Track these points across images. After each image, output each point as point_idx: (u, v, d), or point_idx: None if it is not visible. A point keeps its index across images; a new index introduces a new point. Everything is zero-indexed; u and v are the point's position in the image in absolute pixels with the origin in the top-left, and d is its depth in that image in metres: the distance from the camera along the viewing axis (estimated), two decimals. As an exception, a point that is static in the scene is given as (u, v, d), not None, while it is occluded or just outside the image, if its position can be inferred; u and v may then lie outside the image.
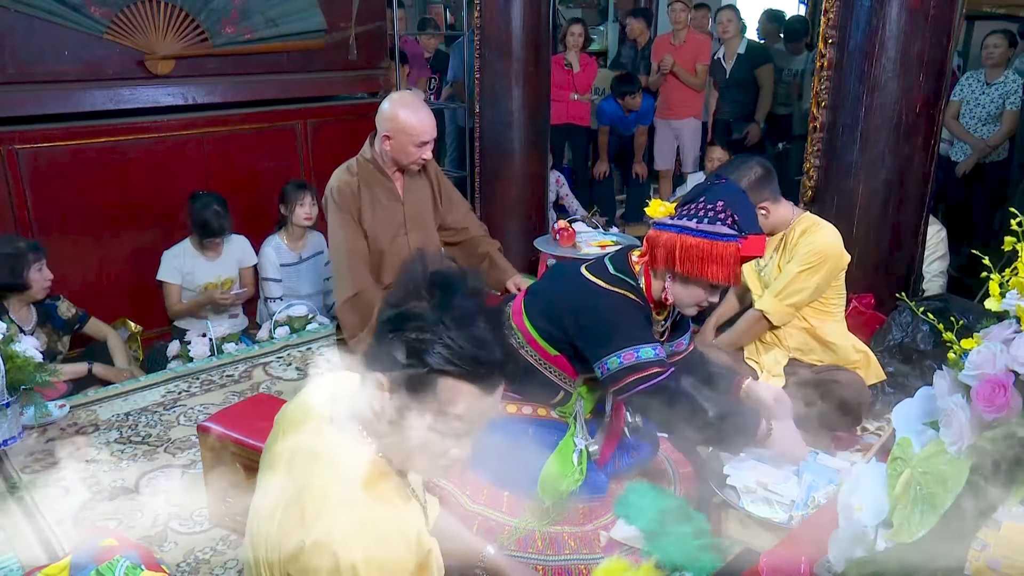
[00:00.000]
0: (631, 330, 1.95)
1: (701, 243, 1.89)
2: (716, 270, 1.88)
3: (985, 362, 1.14)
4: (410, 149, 2.71)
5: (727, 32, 5.42)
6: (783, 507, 2.03)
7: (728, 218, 1.88)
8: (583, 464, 2.08)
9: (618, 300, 1.99)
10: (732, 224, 1.88)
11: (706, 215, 1.90)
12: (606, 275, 2.03)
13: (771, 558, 1.49)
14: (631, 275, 2.02)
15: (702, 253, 1.89)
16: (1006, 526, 1.12)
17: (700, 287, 1.94)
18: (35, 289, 3.09)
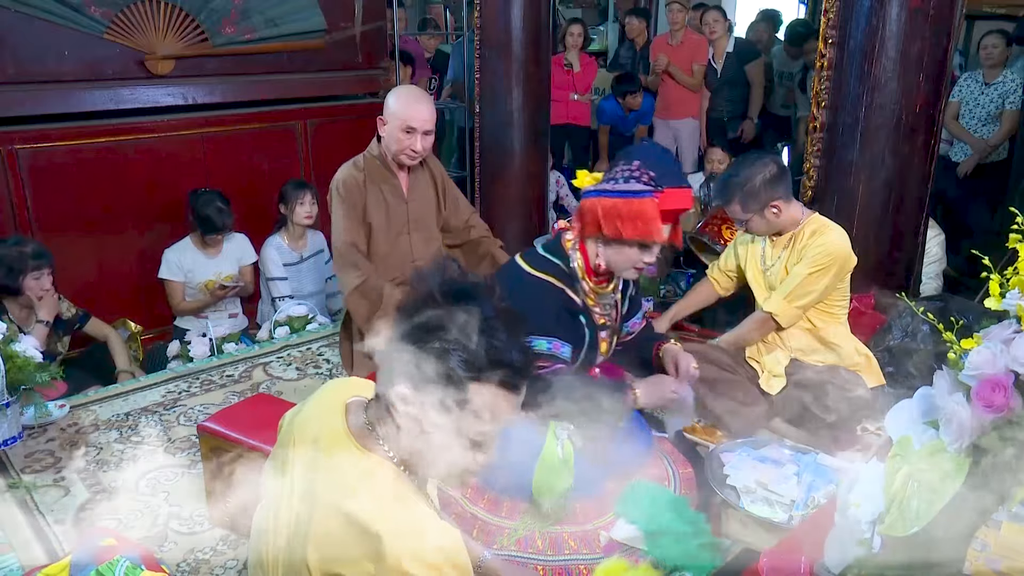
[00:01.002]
0: (535, 319, 1.95)
1: (617, 203, 1.95)
2: (635, 227, 1.94)
3: (985, 362, 1.15)
4: (398, 135, 2.70)
5: (714, 32, 5.42)
6: (783, 507, 2.03)
7: (643, 175, 1.95)
8: (569, 458, 2.07)
9: (533, 286, 2.05)
10: (648, 181, 1.94)
11: (622, 176, 1.97)
12: (535, 259, 2.10)
13: (771, 558, 1.50)
14: (561, 255, 2.08)
15: (620, 212, 1.95)
16: (1006, 526, 1.12)
17: (629, 248, 2.00)
18: (29, 295, 3.08)
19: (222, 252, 3.77)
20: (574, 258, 2.09)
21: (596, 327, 2.15)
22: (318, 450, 1.18)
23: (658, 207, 1.93)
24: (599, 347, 2.18)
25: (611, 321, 2.21)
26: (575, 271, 2.08)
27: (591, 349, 2.16)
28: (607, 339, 2.21)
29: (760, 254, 2.72)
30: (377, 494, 1.11)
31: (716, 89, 5.57)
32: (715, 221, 4.18)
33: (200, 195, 3.68)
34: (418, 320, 1.10)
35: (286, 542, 1.16)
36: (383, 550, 1.05)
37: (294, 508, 1.17)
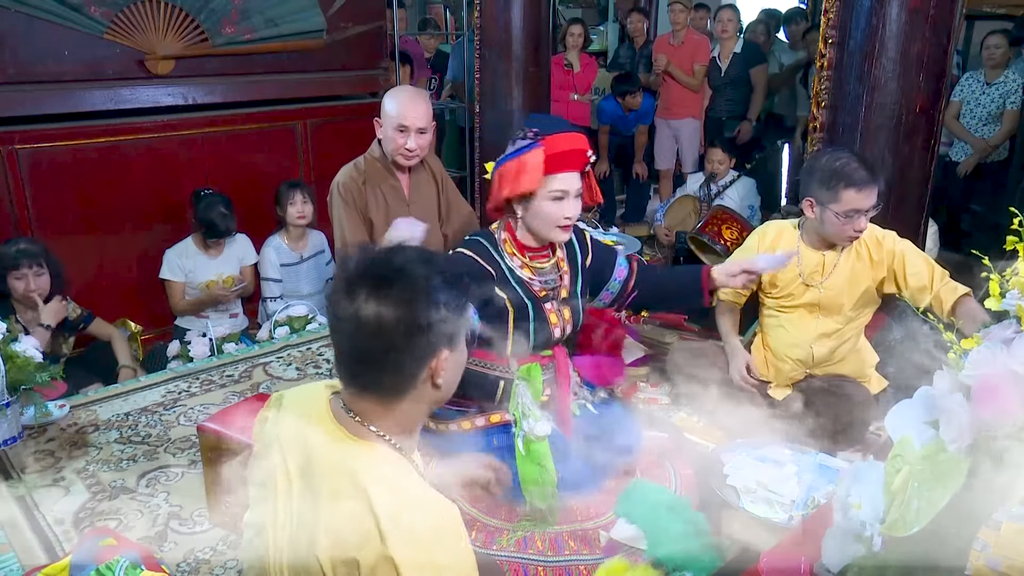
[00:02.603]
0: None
1: (508, 163, 2.07)
2: (531, 177, 2.02)
3: (985, 362, 1.14)
4: (391, 134, 2.70)
5: (726, 32, 5.43)
6: (783, 507, 2.03)
7: (527, 133, 2.06)
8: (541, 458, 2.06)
9: (455, 260, 2.12)
10: (533, 136, 2.04)
11: (511, 143, 2.11)
12: (463, 242, 2.19)
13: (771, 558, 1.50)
14: (488, 236, 2.19)
15: (512, 169, 2.05)
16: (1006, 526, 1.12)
17: (541, 205, 2.07)
18: (17, 296, 3.09)
19: (223, 253, 3.77)
20: (499, 235, 2.18)
21: (536, 298, 2.17)
22: (311, 449, 1.17)
23: (545, 152, 2.01)
24: (548, 319, 2.19)
25: (556, 296, 2.22)
26: (500, 244, 2.16)
27: (539, 325, 2.17)
28: (555, 310, 2.22)
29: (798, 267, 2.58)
30: (377, 478, 1.11)
31: (718, 88, 5.57)
32: (715, 221, 4.18)
33: (203, 198, 3.69)
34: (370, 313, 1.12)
35: (289, 542, 1.16)
36: (383, 530, 1.05)
37: (293, 508, 1.16)
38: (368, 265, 1.15)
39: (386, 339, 1.11)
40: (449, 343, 1.17)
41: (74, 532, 2.27)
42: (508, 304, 2.12)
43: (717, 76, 5.54)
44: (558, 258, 2.23)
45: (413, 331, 1.12)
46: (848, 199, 2.35)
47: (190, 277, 3.71)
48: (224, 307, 3.81)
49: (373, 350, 1.13)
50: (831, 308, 2.57)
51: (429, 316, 1.12)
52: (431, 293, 1.12)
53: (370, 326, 1.11)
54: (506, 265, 2.15)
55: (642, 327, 3.54)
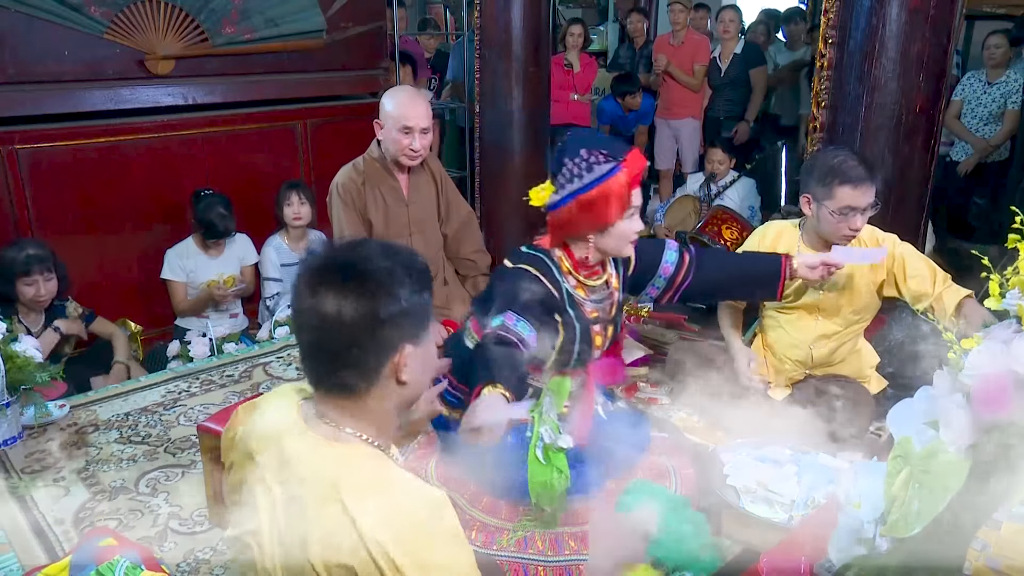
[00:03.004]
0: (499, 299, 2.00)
1: (592, 193, 1.93)
2: (620, 203, 1.94)
3: (985, 362, 1.15)
4: (395, 136, 2.69)
5: (728, 32, 5.43)
6: (783, 507, 2.03)
7: (598, 156, 1.93)
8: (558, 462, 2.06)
9: (510, 274, 2.05)
10: (606, 157, 1.93)
11: (582, 168, 1.95)
12: (516, 254, 2.10)
13: (771, 558, 1.50)
14: (546, 253, 2.08)
15: (601, 198, 1.94)
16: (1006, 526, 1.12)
17: (620, 225, 1.99)
18: (24, 301, 3.09)
19: (224, 253, 3.77)
20: (555, 254, 2.10)
21: (587, 321, 2.14)
22: (287, 458, 1.16)
23: (627, 173, 1.94)
24: (593, 341, 2.17)
25: (606, 314, 2.20)
26: (558, 264, 2.08)
27: (584, 343, 2.14)
28: (601, 332, 2.20)
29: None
30: (359, 483, 1.10)
31: (718, 88, 5.57)
32: (715, 221, 4.18)
33: (202, 199, 3.69)
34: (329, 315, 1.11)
35: (280, 551, 1.14)
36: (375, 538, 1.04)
37: (278, 518, 1.15)
38: (328, 259, 1.14)
39: (344, 333, 1.10)
40: (412, 338, 1.15)
41: (74, 532, 2.27)
42: (561, 327, 2.08)
43: (717, 76, 5.54)
44: (608, 275, 2.18)
45: (371, 325, 1.10)
46: (843, 196, 2.33)
47: (191, 277, 3.71)
48: (224, 307, 3.81)
49: (332, 345, 1.12)
50: (831, 310, 2.57)
51: (387, 310, 1.10)
52: (390, 286, 1.11)
53: (328, 320, 1.09)
54: (566, 288, 2.09)
55: (642, 327, 3.55)
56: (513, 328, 1.94)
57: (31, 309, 3.15)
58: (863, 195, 2.33)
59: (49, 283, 3.10)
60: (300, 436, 1.17)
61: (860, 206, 2.34)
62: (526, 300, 2.00)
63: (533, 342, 1.98)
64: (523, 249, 2.12)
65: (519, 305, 1.98)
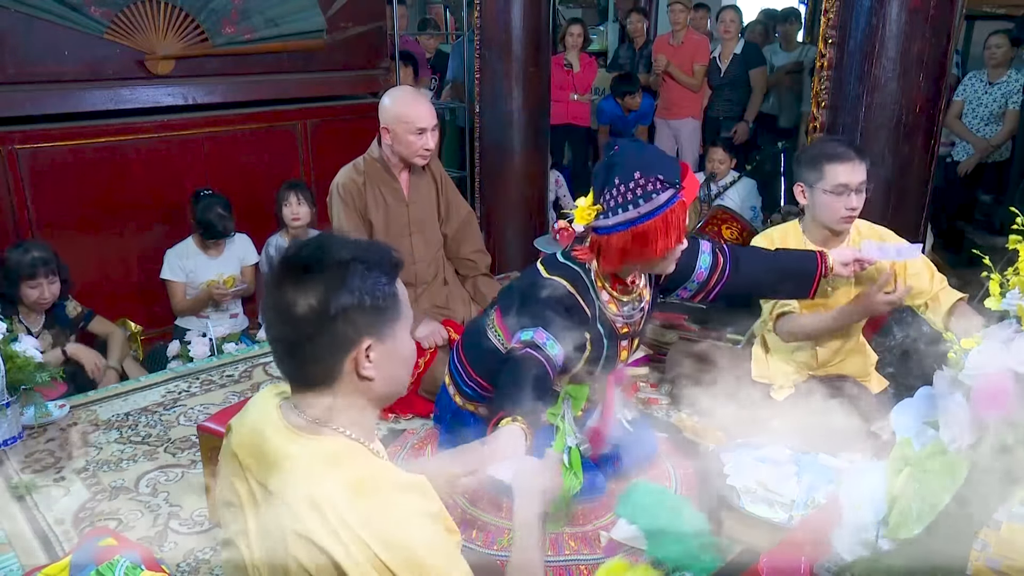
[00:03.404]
0: (529, 311, 1.94)
1: (654, 223, 1.82)
2: (678, 232, 1.84)
3: (985, 362, 1.15)
4: (409, 138, 2.70)
5: (728, 32, 5.43)
6: (783, 507, 2.03)
7: (655, 182, 1.80)
8: (577, 466, 2.06)
9: (542, 286, 1.96)
10: (663, 185, 1.80)
11: (638, 195, 1.82)
12: (553, 264, 2.02)
13: (771, 558, 1.49)
14: (581, 266, 1.99)
15: (660, 230, 1.82)
16: (1006, 526, 1.12)
17: (670, 251, 1.90)
18: (28, 303, 3.10)
19: (224, 253, 3.77)
20: (592, 268, 2.00)
21: (617, 337, 2.09)
22: (268, 458, 1.16)
23: (685, 198, 1.84)
24: (619, 355, 2.13)
25: (634, 328, 2.14)
26: (593, 279, 2.00)
27: (609, 360, 2.10)
28: (628, 346, 2.16)
29: None
30: (334, 475, 1.10)
31: (717, 88, 5.58)
32: (715, 221, 4.18)
33: (201, 199, 3.69)
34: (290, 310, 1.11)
35: (265, 552, 1.14)
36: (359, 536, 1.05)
37: (260, 516, 1.15)
38: (290, 255, 1.14)
39: (298, 329, 1.10)
40: (373, 334, 1.13)
41: (74, 532, 2.27)
42: (589, 344, 2.02)
43: (717, 76, 5.54)
44: (640, 288, 2.11)
45: (321, 319, 1.09)
46: (833, 173, 2.33)
47: (191, 277, 3.71)
48: (224, 307, 3.81)
49: (290, 340, 1.12)
50: (835, 306, 2.57)
51: (339, 303, 1.09)
52: (343, 279, 1.09)
53: (284, 315, 1.10)
54: (599, 302, 2.02)
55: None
56: (543, 347, 1.88)
57: (32, 310, 3.15)
58: (854, 171, 2.34)
59: (52, 286, 3.12)
60: (276, 433, 1.17)
61: (852, 183, 2.34)
62: (558, 317, 1.93)
63: (560, 362, 1.93)
64: (559, 258, 2.04)
65: (550, 321, 1.91)
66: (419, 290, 2.94)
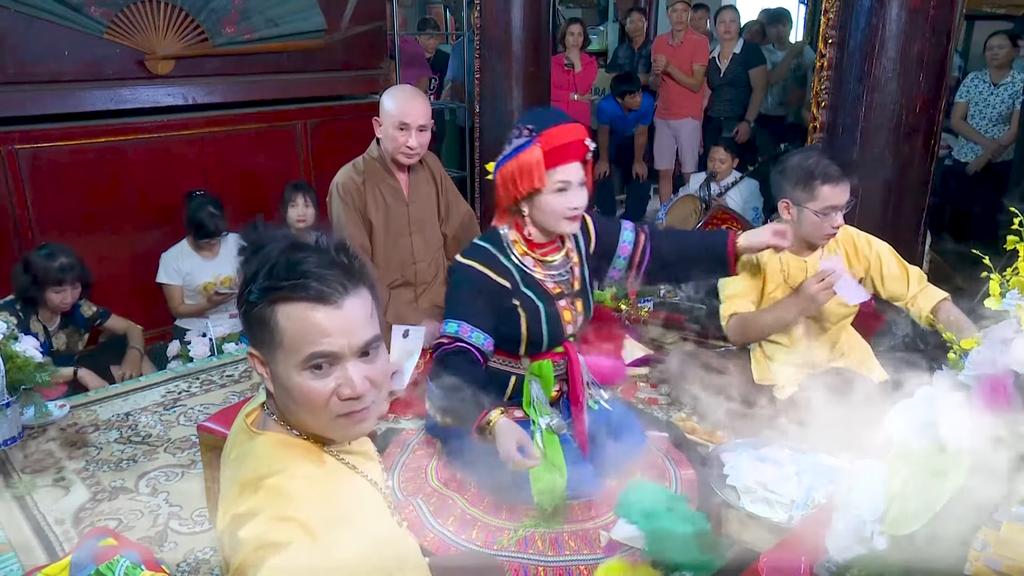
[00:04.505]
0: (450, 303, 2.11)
1: (509, 164, 2.04)
2: (532, 177, 2.01)
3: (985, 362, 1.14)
4: (392, 133, 2.69)
5: (728, 32, 5.43)
6: (783, 507, 2.03)
7: (523, 131, 2.04)
8: (554, 451, 2.07)
9: (457, 272, 2.12)
10: (528, 133, 2.02)
11: (508, 142, 2.08)
12: (470, 250, 2.15)
13: (771, 558, 1.49)
14: (496, 240, 2.14)
15: (515, 170, 2.03)
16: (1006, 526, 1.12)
17: (547, 199, 2.04)
18: (50, 306, 3.14)
19: (220, 254, 3.76)
20: (507, 236, 2.14)
21: (550, 298, 2.16)
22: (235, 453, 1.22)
23: (542, 148, 1.99)
24: (561, 316, 2.18)
25: (570, 289, 2.21)
26: (510, 247, 2.13)
27: (552, 325, 2.15)
28: (569, 307, 2.21)
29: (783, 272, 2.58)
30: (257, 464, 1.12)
31: (717, 89, 5.58)
32: (715, 221, 4.19)
33: (193, 199, 3.69)
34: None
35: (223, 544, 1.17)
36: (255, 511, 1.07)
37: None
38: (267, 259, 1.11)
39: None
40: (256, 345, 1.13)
41: (74, 532, 2.27)
42: (521, 310, 2.11)
43: (716, 76, 5.54)
44: (568, 249, 2.21)
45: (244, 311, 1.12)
46: (825, 195, 2.36)
47: (187, 280, 3.71)
48: (224, 307, 3.81)
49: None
50: (821, 311, 2.58)
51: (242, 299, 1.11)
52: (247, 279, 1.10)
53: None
54: (518, 267, 2.12)
55: (642, 327, 3.55)
56: (468, 339, 2.03)
57: (50, 310, 3.19)
58: (843, 192, 2.38)
59: (75, 291, 3.17)
60: (243, 432, 1.21)
61: (841, 204, 2.38)
62: (476, 300, 2.07)
63: (490, 348, 2.07)
64: (477, 241, 2.18)
65: (469, 309, 2.06)
66: (419, 290, 2.94)
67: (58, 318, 3.23)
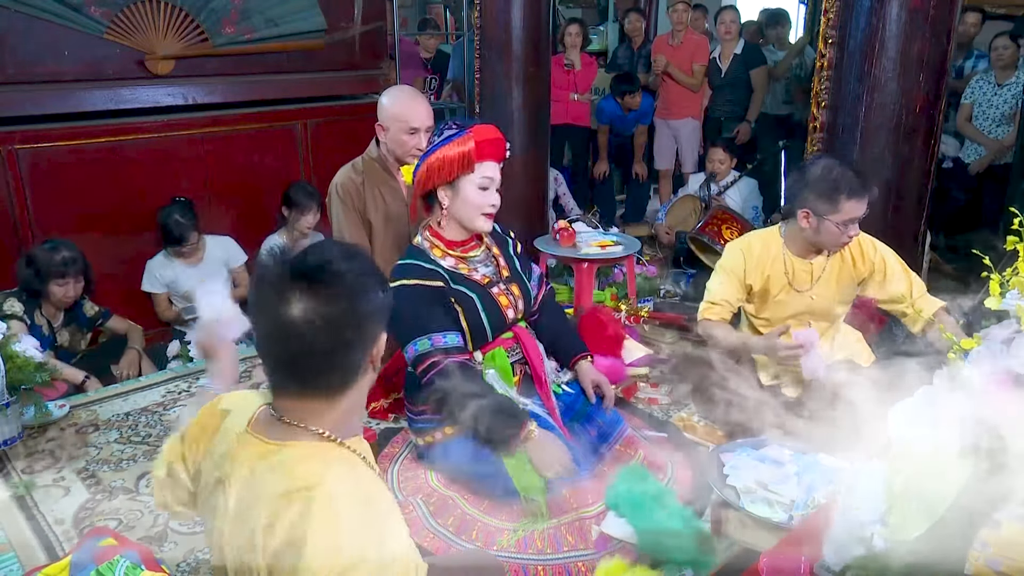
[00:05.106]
0: (404, 326, 2.07)
1: (435, 153, 2.10)
2: (458, 163, 2.08)
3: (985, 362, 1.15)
4: (402, 138, 2.70)
5: (729, 32, 5.42)
6: (783, 507, 2.03)
7: (451, 126, 2.12)
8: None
9: (399, 294, 2.07)
10: (457, 128, 2.11)
11: (435, 136, 2.16)
12: (395, 270, 2.15)
13: (771, 558, 1.49)
14: (417, 254, 2.16)
15: (442, 158, 2.09)
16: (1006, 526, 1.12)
17: (469, 192, 2.11)
18: (53, 300, 3.16)
19: (203, 260, 3.74)
20: (425, 245, 2.18)
21: (482, 287, 2.18)
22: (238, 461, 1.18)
23: (473, 138, 2.07)
24: (498, 302, 2.19)
25: (498, 277, 2.24)
26: (427, 252, 2.16)
27: (490, 311, 2.16)
28: (504, 292, 2.22)
29: (787, 275, 2.60)
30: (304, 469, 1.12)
31: (718, 89, 5.58)
32: (715, 221, 4.19)
33: (164, 207, 3.68)
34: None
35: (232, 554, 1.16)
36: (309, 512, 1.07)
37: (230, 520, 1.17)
38: (294, 267, 1.12)
39: (334, 337, 1.11)
40: (383, 325, 1.19)
41: (74, 532, 2.27)
42: (457, 305, 2.14)
43: (717, 77, 5.54)
44: (487, 244, 2.28)
45: (361, 324, 1.14)
46: (848, 209, 2.38)
47: (172, 288, 3.72)
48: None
49: (321, 351, 1.12)
50: (821, 312, 2.61)
51: (369, 306, 1.14)
52: (364, 284, 1.14)
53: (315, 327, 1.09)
54: (444, 269, 2.16)
55: (642, 327, 3.55)
56: (445, 344, 2.05)
57: (55, 307, 3.21)
58: (864, 205, 2.41)
59: (78, 284, 3.20)
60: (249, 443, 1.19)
61: (860, 215, 2.41)
62: (423, 310, 2.08)
63: (463, 342, 2.11)
64: (398, 261, 2.18)
65: (424, 320, 2.07)
66: (419, 290, 2.94)
67: (61, 314, 3.25)
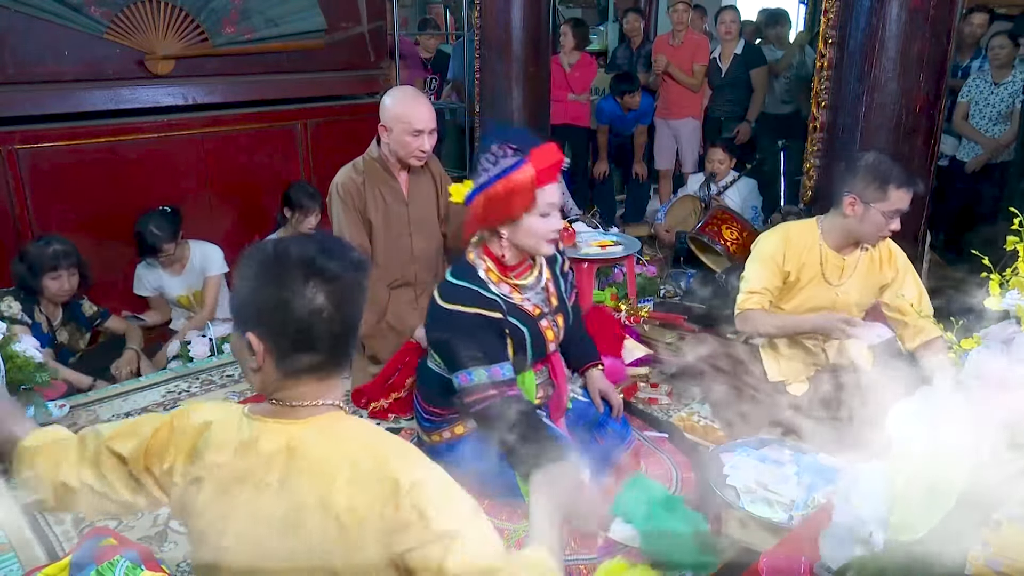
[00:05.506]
0: (461, 353, 1.99)
1: (497, 185, 1.97)
2: (523, 197, 1.97)
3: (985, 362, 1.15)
4: (406, 139, 2.70)
5: (729, 32, 5.42)
6: (783, 507, 2.03)
7: (506, 150, 1.97)
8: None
9: (447, 321, 2.03)
10: (514, 152, 1.97)
11: (489, 163, 2.00)
12: (446, 290, 2.07)
13: (771, 558, 1.49)
14: (471, 276, 2.08)
15: (505, 191, 1.96)
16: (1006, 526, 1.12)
17: (533, 222, 2.02)
18: (48, 295, 3.15)
19: (186, 268, 3.71)
20: (480, 267, 2.09)
21: (533, 320, 2.15)
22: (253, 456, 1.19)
23: (532, 167, 1.96)
24: (544, 336, 2.18)
25: (548, 307, 2.21)
26: (486, 281, 2.07)
27: (536, 344, 2.15)
28: (550, 325, 2.21)
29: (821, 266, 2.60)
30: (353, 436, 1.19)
31: (718, 89, 5.58)
32: (715, 221, 4.18)
33: (145, 215, 3.58)
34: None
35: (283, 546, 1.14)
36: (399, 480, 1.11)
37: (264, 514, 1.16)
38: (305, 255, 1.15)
39: (355, 311, 1.19)
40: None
41: (74, 532, 2.27)
42: (508, 337, 2.09)
43: (717, 77, 5.54)
44: (540, 266, 2.22)
45: (364, 293, 1.21)
46: (896, 199, 2.40)
47: (163, 293, 3.73)
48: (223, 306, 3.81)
49: (351, 324, 1.19)
50: (844, 309, 2.59)
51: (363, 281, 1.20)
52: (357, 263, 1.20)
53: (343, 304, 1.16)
54: (501, 297, 2.09)
55: (642, 327, 3.55)
56: (503, 377, 1.99)
57: (52, 303, 3.21)
58: (909, 198, 2.43)
59: (73, 278, 3.18)
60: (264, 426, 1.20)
61: (905, 209, 2.43)
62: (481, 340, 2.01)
63: (514, 372, 2.05)
64: (451, 280, 2.10)
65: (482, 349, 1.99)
66: (418, 290, 2.94)
67: (60, 312, 3.24)
